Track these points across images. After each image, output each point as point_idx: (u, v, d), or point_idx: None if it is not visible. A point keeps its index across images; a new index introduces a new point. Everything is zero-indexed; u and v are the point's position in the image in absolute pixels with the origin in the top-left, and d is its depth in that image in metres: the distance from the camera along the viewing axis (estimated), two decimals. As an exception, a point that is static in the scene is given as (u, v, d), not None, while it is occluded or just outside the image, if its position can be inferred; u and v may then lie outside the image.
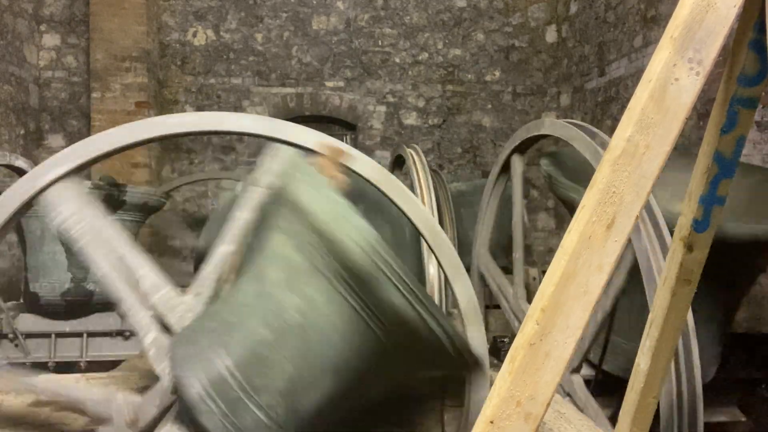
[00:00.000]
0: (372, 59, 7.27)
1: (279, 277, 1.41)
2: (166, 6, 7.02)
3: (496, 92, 7.42)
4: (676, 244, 1.22)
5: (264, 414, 1.36)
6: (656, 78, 0.92)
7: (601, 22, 6.41)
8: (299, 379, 1.38)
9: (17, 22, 6.28)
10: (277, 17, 7.16)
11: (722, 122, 1.10)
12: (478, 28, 7.40)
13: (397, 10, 7.30)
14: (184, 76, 7.03)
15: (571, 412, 2.02)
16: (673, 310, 1.23)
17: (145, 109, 6.42)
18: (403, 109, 7.32)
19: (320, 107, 7.20)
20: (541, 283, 0.91)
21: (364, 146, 7.15)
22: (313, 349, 1.38)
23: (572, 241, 0.89)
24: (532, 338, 0.87)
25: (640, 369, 1.29)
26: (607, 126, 5.98)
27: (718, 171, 1.13)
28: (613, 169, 0.90)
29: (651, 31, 5.41)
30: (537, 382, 0.86)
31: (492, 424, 0.85)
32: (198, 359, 1.42)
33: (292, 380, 1.38)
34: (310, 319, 1.38)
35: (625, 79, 5.88)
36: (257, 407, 1.36)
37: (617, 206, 0.90)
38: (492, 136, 7.40)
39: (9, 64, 6.05)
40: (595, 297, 0.88)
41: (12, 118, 6.09)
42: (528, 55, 7.45)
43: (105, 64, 6.37)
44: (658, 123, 0.91)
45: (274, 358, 1.37)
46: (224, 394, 1.36)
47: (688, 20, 0.92)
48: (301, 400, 1.40)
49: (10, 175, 4.77)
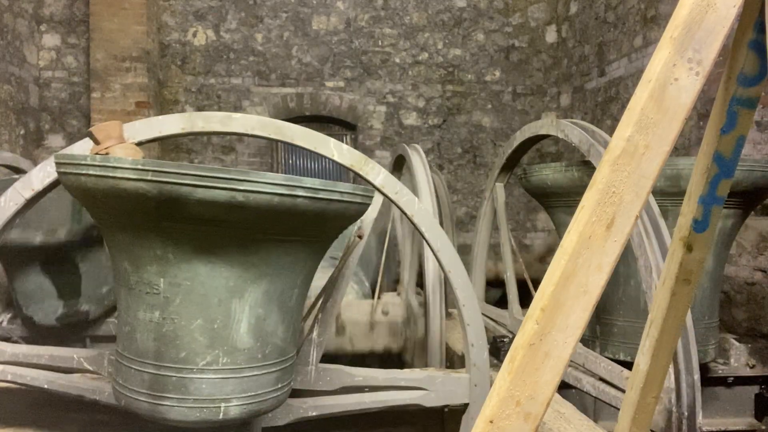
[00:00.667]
0: (372, 59, 7.27)
1: (125, 264, 1.43)
2: (166, 6, 7.01)
3: (496, 92, 7.42)
4: (675, 244, 1.22)
5: (211, 372, 1.40)
6: (656, 78, 0.92)
7: (601, 22, 6.41)
8: (212, 323, 1.38)
9: (17, 22, 6.28)
10: (277, 17, 7.16)
11: (722, 122, 1.10)
12: (478, 28, 7.40)
13: (397, 10, 7.30)
14: (184, 76, 7.03)
15: (571, 412, 2.02)
16: (673, 310, 1.23)
17: (145, 109, 6.42)
18: (403, 109, 7.32)
19: (320, 107, 7.19)
20: (541, 283, 0.91)
21: (364, 146, 7.15)
22: (197, 293, 1.37)
23: (572, 241, 0.89)
24: (532, 338, 0.87)
25: (640, 369, 1.29)
26: (607, 126, 5.98)
27: (718, 171, 1.13)
28: (612, 169, 0.90)
29: (651, 31, 5.41)
30: (536, 381, 0.86)
31: (492, 424, 0.85)
32: (128, 380, 1.49)
33: (207, 330, 1.38)
34: (171, 273, 1.37)
35: (625, 79, 5.88)
36: (200, 372, 1.40)
37: (617, 206, 0.90)
38: (492, 136, 7.40)
39: (9, 64, 6.05)
40: (595, 297, 0.88)
41: (12, 118, 6.09)
42: (528, 55, 7.45)
43: (105, 64, 6.37)
44: (658, 123, 0.91)
45: (176, 327, 1.39)
46: (166, 386, 1.42)
47: (687, 20, 0.92)
48: (232, 336, 1.40)
49: (9, 175, 4.77)
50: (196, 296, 1.37)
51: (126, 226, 1.37)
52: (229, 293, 1.38)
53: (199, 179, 1.23)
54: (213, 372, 1.38)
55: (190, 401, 1.38)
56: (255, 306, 1.41)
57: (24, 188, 1.66)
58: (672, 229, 1.35)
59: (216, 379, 1.39)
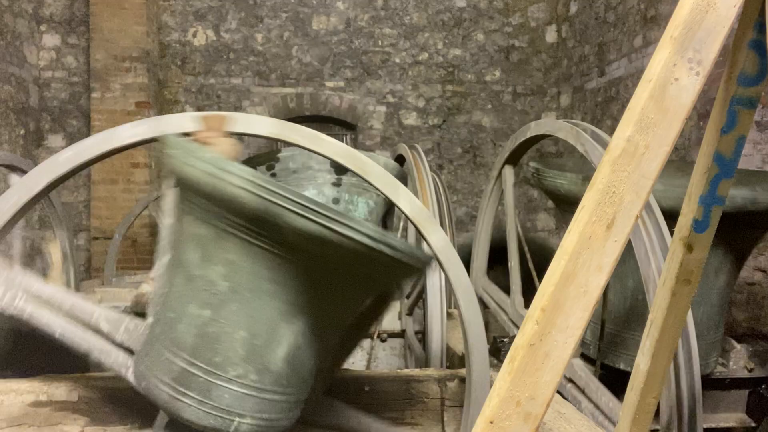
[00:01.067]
0: (372, 59, 7.27)
1: (195, 256, 1.43)
2: (166, 6, 7.02)
3: (496, 92, 7.42)
4: (676, 244, 1.22)
5: (237, 385, 1.39)
6: (656, 78, 0.91)
7: (601, 22, 6.41)
8: (255, 339, 1.39)
9: (17, 22, 6.28)
10: (277, 17, 7.16)
11: (722, 122, 1.10)
12: (478, 28, 7.40)
13: (397, 10, 7.30)
14: (184, 76, 7.03)
15: (571, 412, 2.02)
16: (673, 310, 1.23)
17: (145, 109, 6.42)
18: (403, 109, 7.32)
19: (320, 107, 7.20)
20: (541, 283, 0.91)
21: (364, 146, 7.15)
22: (253, 306, 1.39)
23: (572, 241, 0.89)
24: (532, 338, 0.87)
25: (640, 369, 1.29)
26: (607, 126, 5.98)
27: (718, 171, 1.13)
28: (612, 169, 0.90)
29: (651, 31, 5.41)
30: (537, 382, 0.86)
31: (492, 424, 0.85)
32: (156, 365, 1.45)
33: (248, 344, 1.39)
34: (236, 281, 1.39)
35: (625, 79, 5.88)
36: (227, 382, 1.39)
37: (617, 206, 0.90)
38: (492, 136, 7.40)
39: (9, 64, 6.05)
40: (595, 297, 0.88)
41: (12, 118, 6.09)
42: (528, 55, 7.45)
43: (105, 64, 6.37)
44: (658, 123, 0.91)
45: (221, 332, 1.39)
46: (192, 384, 1.40)
47: (688, 20, 0.92)
48: (268, 357, 1.41)
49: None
50: (251, 309, 1.38)
51: (212, 223, 1.39)
52: (280, 316, 1.40)
53: (303, 209, 1.26)
54: (239, 385, 1.39)
55: (209, 407, 1.38)
56: (298, 335, 1.43)
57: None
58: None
59: (239, 393, 1.39)
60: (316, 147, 1.78)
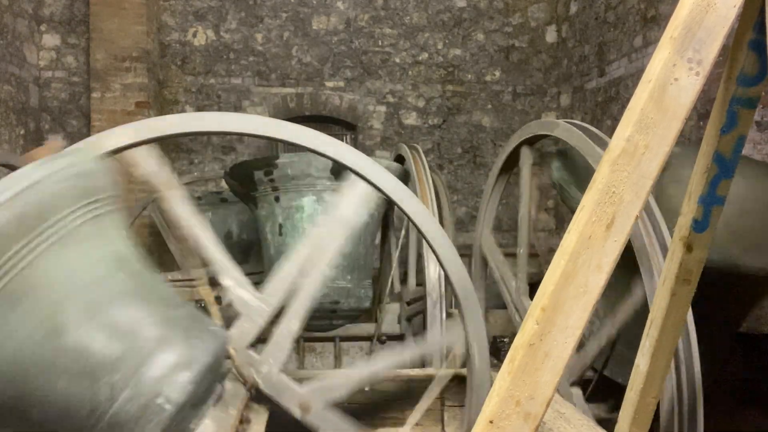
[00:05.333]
0: (372, 59, 7.27)
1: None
2: (166, 6, 7.01)
3: (496, 92, 7.42)
4: (675, 244, 1.22)
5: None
6: (656, 78, 0.92)
7: (601, 22, 6.41)
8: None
9: (17, 22, 6.28)
10: (277, 17, 7.16)
11: (722, 122, 1.10)
12: (478, 28, 7.40)
13: (397, 10, 7.29)
14: (184, 76, 7.03)
15: (571, 412, 2.01)
16: (673, 310, 1.23)
17: (145, 109, 6.42)
18: (403, 109, 7.32)
19: (320, 107, 7.19)
20: (541, 283, 0.91)
21: (364, 146, 7.14)
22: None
23: (572, 241, 0.89)
24: (532, 338, 0.87)
25: (640, 369, 1.29)
26: (607, 126, 5.97)
27: (718, 171, 1.13)
28: (612, 169, 0.90)
29: (651, 31, 5.41)
30: (536, 381, 0.86)
31: (492, 424, 0.85)
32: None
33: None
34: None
35: (625, 79, 5.88)
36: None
37: (617, 206, 0.90)
38: (492, 136, 7.40)
39: (9, 64, 6.05)
40: (595, 297, 0.88)
41: (12, 118, 6.09)
42: (528, 55, 7.45)
43: (105, 64, 6.37)
44: (658, 123, 0.91)
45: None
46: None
47: (687, 20, 0.92)
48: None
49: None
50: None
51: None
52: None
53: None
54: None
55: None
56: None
57: None
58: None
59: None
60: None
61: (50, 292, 1.29)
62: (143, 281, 1.51)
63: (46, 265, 1.28)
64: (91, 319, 1.32)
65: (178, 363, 1.35)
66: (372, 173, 1.84)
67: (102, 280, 1.39)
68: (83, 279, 1.35)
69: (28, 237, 1.24)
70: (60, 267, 1.31)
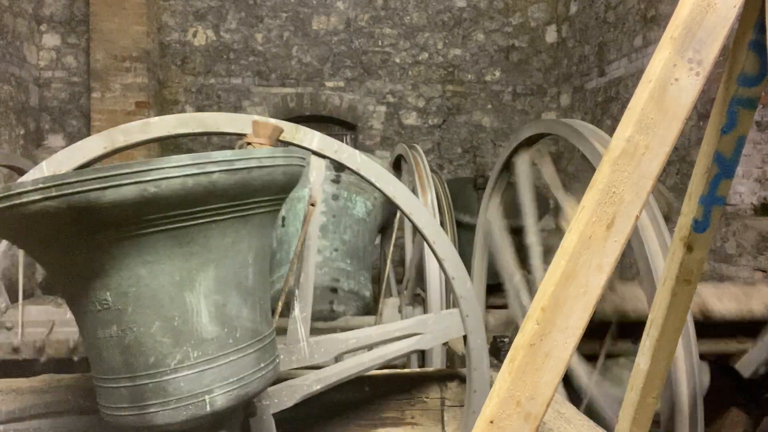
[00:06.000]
0: (372, 59, 7.27)
1: (75, 288, 1.42)
2: (166, 6, 7.01)
3: (496, 92, 7.42)
4: (675, 244, 1.22)
5: (185, 369, 1.38)
6: (656, 78, 0.92)
7: (601, 22, 6.41)
8: (172, 321, 1.37)
9: (17, 22, 6.28)
10: (277, 17, 7.16)
11: (722, 122, 1.10)
12: (478, 28, 7.40)
13: (397, 10, 7.30)
14: (184, 76, 7.03)
15: (571, 412, 2.02)
16: (673, 310, 1.23)
17: (145, 109, 6.42)
18: (403, 109, 7.32)
19: (320, 107, 7.19)
20: (542, 283, 0.91)
21: (364, 146, 7.14)
22: (150, 295, 1.36)
23: (572, 241, 0.89)
24: (532, 338, 0.87)
25: (640, 369, 1.29)
26: (607, 126, 5.97)
27: (718, 171, 1.13)
28: (612, 169, 0.90)
29: (651, 31, 5.41)
30: (537, 382, 0.86)
31: (492, 424, 0.85)
32: (106, 400, 1.45)
33: (169, 328, 1.37)
34: (122, 285, 1.34)
35: (625, 79, 5.88)
36: (174, 372, 1.38)
37: (617, 206, 0.90)
38: (492, 136, 7.40)
39: (9, 64, 6.05)
40: (595, 297, 0.88)
41: (12, 118, 6.09)
42: (528, 55, 7.45)
43: (105, 64, 6.37)
44: (658, 123, 0.91)
45: (138, 334, 1.36)
46: (146, 394, 1.38)
47: (688, 20, 0.92)
48: (194, 328, 1.38)
49: (9, 175, 4.77)
50: (146, 299, 1.32)
51: (53, 248, 1.31)
52: (178, 288, 1.33)
53: (104, 181, 1.17)
54: (187, 368, 1.34)
55: (173, 402, 1.34)
56: (210, 294, 1.37)
57: None
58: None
59: (192, 375, 1.35)
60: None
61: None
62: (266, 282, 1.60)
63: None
64: (256, 291, 1.48)
65: (239, 381, 1.42)
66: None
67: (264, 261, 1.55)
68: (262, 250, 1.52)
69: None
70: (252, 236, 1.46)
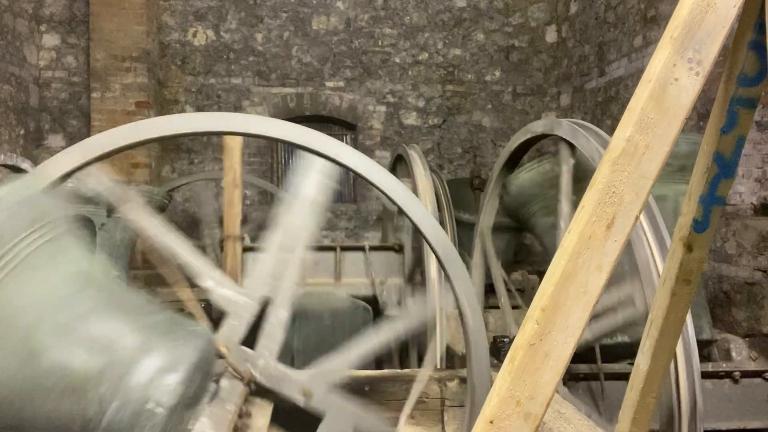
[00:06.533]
0: (372, 59, 7.27)
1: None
2: (166, 6, 7.01)
3: (496, 92, 7.42)
4: (675, 244, 1.22)
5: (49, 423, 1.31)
6: (656, 78, 0.92)
7: (601, 22, 6.41)
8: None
9: (17, 22, 6.28)
10: (277, 17, 7.16)
11: (722, 122, 1.10)
12: (478, 28, 7.40)
13: (397, 10, 7.29)
14: (184, 76, 7.03)
15: (571, 412, 2.02)
16: (673, 310, 1.23)
17: (145, 109, 6.41)
18: (403, 109, 7.32)
19: (320, 107, 7.19)
20: (541, 283, 0.91)
21: (364, 146, 7.14)
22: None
23: (572, 241, 0.89)
24: (532, 338, 0.87)
25: (640, 369, 1.29)
26: (607, 126, 5.97)
27: (718, 171, 1.13)
28: (612, 169, 0.90)
29: (651, 31, 5.41)
30: (537, 381, 0.86)
31: (492, 424, 0.85)
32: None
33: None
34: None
35: (625, 79, 5.87)
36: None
37: (617, 206, 0.90)
38: (492, 136, 7.40)
39: (9, 64, 6.05)
40: (595, 297, 0.88)
41: (12, 118, 6.09)
42: (528, 55, 7.45)
43: (105, 64, 6.37)
44: (658, 123, 0.91)
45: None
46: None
47: (687, 20, 0.92)
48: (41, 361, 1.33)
49: (9, 175, 4.77)
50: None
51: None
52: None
53: None
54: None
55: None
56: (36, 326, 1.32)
57: None
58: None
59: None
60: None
61: (17, 320, 1.27)
62: (115, 294, 1.49)
63: (8, 294, 1.28)
64: (66, 338, 1.31)
65: (163, 366, 1.34)
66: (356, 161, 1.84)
67: (69, 298, 1.37)
68: (49, 301, 1.34)
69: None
70: (22, 294, 1.30)
